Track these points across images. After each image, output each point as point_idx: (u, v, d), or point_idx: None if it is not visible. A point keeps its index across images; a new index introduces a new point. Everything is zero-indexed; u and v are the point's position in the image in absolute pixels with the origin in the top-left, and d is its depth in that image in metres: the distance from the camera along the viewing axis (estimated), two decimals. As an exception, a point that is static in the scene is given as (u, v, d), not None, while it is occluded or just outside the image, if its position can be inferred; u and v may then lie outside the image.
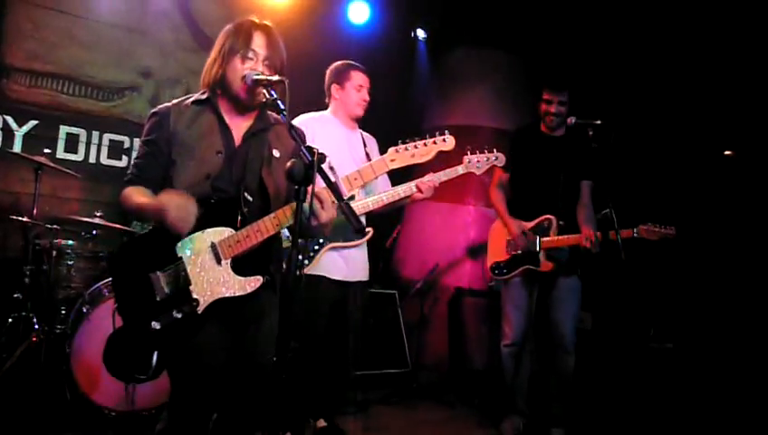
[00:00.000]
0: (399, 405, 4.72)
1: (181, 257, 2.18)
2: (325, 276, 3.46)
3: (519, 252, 4.03)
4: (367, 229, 3.47)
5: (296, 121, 3.52)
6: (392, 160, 2.40)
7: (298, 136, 2.05)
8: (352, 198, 3.35)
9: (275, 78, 2.15)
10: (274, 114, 2.40)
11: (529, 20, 5.69)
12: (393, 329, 5.22)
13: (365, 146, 3.75)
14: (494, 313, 5.27)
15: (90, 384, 3.59)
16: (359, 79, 3.67)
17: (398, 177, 3.91)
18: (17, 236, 4.65)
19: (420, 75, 6.36)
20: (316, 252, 3.42)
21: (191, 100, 2.36)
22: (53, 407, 3.61)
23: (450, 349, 5.41)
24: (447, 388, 5.11)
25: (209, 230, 2.20)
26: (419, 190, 3.44)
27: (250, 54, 2.27)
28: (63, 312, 4.08)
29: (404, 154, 2.39)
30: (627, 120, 4.10)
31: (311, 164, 1.90)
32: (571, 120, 3.91)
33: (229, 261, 2.20)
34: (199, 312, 2.16)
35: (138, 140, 5.34)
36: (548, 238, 3.97)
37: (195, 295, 2.16)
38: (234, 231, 2.21)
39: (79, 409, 3.56)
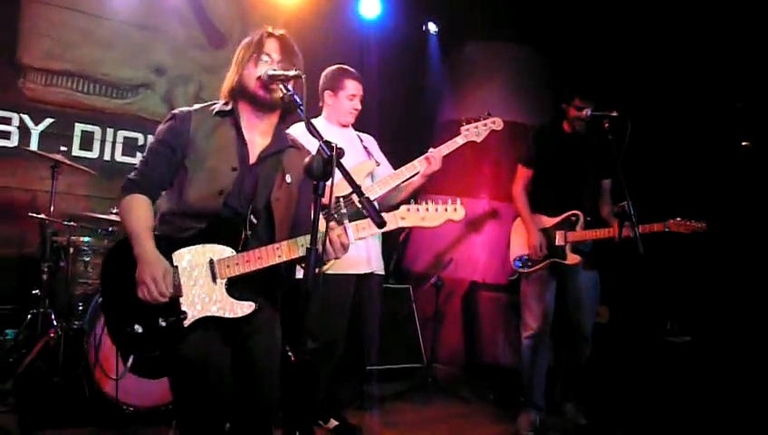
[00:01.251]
0: (414, 400, 4.72)
1: (177, 267, 2.15)
2: (351, 274, 3.47)
3: (540, 257, 4.08)
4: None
5: (290, 131, 3.53)
6: (402, 218, 2.36)
7: (315, 130, 2.04)
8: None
9: (292, 72, 2.17)
10: (292, 138, 2.42)
11: (541, 11, 5.65)
12: (408, 324, 5.22)
13: (362, 141, 3.78)
14: (511, 307, 5.29)
15: (107, 380, 3.61)
16: (352, 88, 3.67)
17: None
18: (35, 233, 4.69)
19: (433, 69, 6.34)
20: None
21: (215, 109, 2.33)
22: (72, 402, 3.62)
23: (465, 343, 5.40)
24: (463, 383, 5.10)
25: (209, 246, 2.18)
26: (429, 163, 3.44)
27: (264, 58, 2.27)
28: (81, 308, 4.11)
29: (415, 215, 2.37)
30: (644, 111, 4.07)
31: (329, 159, 1.89)
32: (587, 112, 3.88)
33: (225, 281, 2.17)
34: (185, 325, 2.13)
35: (151, 136, 5.39)
36: (577, 232, 4.03)
37: (184, 308, 2.13)
38: (234, 252, 2.18)
39: (97, 404, 3.58)
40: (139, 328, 2.12)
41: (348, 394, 4.31)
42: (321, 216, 1.94)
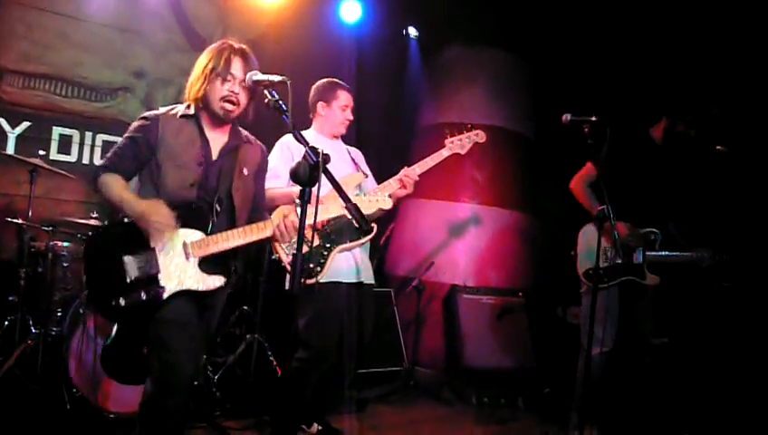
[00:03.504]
0: (397, 403, 4.75)
1: (154, 249, 2.45)
2: (341, 282, 3.47)
3: (619, 261, 3.92)
4: (372, 225, 3.47)
5: (280, 142, 3.57)
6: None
7: (301, 137, 2.06)
8: None
9: (277, 78, 2.27)
10: (244, 134, 2.77)
11: (520, 17, 5.71)
12: (389, 327, 5.22)
13: (349, 153, 3.81)
14: (492, 310, 5.33)
15: (87, 386, 3.59)
16: (344, 99, 3.73)
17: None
18: (12, 238, 4.63)
19: (413, 73, 6.37)
20: (325, 258, 3.39)
21: (179, 113, 2.63)
22: (52, 410, 3.58)
23: (446, 346, 5.43)
24: (444, 385, 5.13)
25: (183, 230, 2.50)
26: (402, 186, 3.49)
27: (228, 77, 2.55)
28: (60, 314, 4.06)
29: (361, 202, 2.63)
30: (624, 115, 4.09)
31: (315, 165, 1.92)
32: (566, 117, 3.88)
33: (197, 259, 2.51)
34: (164, 298, 2.44)
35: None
36: (663, 254, 3.91)
37: (162, 283, 2.44)
38: (204, 235, 2.53)
39: (78, 411, 3.55)
40: (123, 301, 2.40)
41: (330, 399, 4.31)
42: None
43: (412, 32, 6.33)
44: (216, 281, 2.54)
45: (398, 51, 6.38)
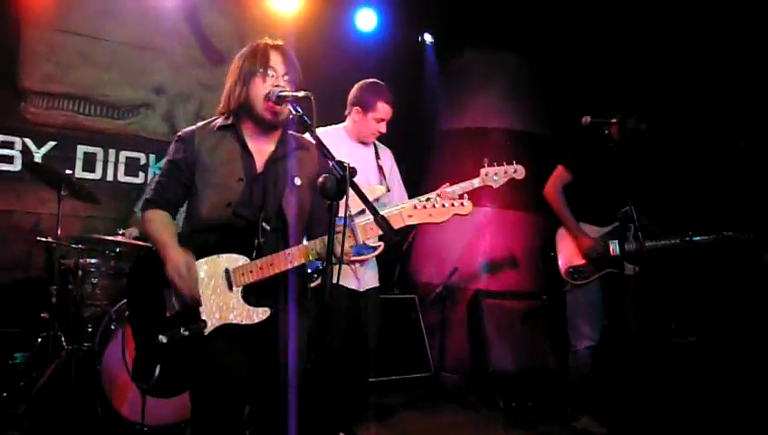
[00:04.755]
0: (423, 409, 4.75)
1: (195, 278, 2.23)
2: (342, 285, 3.44)
3: (596, 256, 4.05)
4: (378, 244, 3.45)
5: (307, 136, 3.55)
6: (410, 216, 2.41)
7: (327, 151, 2.07)
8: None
9: (301, 94, 2.18)
10: (297, 139, 2.45)
11: (535, 21, 5.71)
12: (414, 333, 5.24)
13: (378, 159, 3.75)
14: (515, 314, 5.33)
15: (120, 400, 3.64)
16: (382, 112, 3.61)
17: (409, 185, 3.98)
18: (41, 256, 4.73)
19: (430, 80, 6.39)
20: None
21: (217, 125, 2.39)
22: (86, 424, 3.65)
23: (471, 352, 5.43)
24: (470, 391, 5.12)
25: (224, 256, 2.26)
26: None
27: (270, 72, 2.31)
28: (90, 329, 4.13)
29: (422, 212, 2.42)
30: (641, 115, 4.13)
31: (343, 179, 1.93)
32: (586, 119, 3.88)
33: (240, 289, 2.25)
34: (205, 333, 2.21)
35: (153, 155, 5.44)
36: (653, 243, 3.98)
37: (203, 317, 2.22)
38: (248, 260, 2.25)
39: (110, 425, 3.60)
40: (163, 338, 2.19)
41: (354, 407, 4.31)
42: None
43: (428, 38, 6.35)
44: (261, 314, 2.25)
45: (414, 58, 6.40)
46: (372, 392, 4.56)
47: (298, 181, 2.37)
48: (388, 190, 3.66)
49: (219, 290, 2.25)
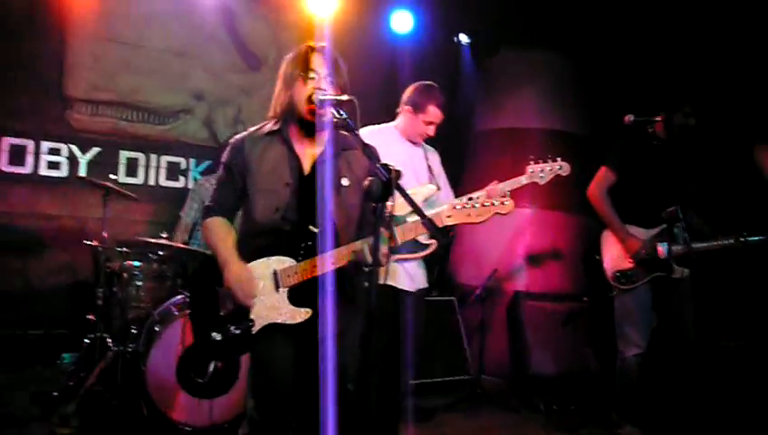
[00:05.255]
0: (464, 411, 4.70)
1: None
2: (391, 285, 3.47)
3: (646, 258, 3.91)
4: (431, 241, 3.48)
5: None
6: (448, 217, 2.44)
7: (372, 154, 2.08)
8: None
9: (344, 97, 2.21)
10: (345, 139, 2.44)
11: (573, 18, 5.64)
12: (453, 336, 5.22)
13: (427, 159, 3.75)
14: (555, 316, 5.27)
15: (165, 401, 3.69)
16: (432, 116, 3.61)
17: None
18: (88, 259, 4.83)
19: (466, 80, 6.36)
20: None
21: (265, 130, 2.46)
22: (132, 423, 3.72)
23: (511, 354, 5.39)
24: (511, 393, 5.08)
25: (273, 258, 2.36)
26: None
27: (311, 75, 2.35)
28: (134, 331, 4.20)
29: (461, 212, 2.44)
30: (690, 110, 4.00)
31: (388, 181, 1.93)
32: (629, 118, 3.82)
33: (286, 290, 2.35)
34: (253, 332, 2.33)
35: (193, 159, 5.54)
36: (704, 245, 3.83)
37: (252, 316, 2.34)
38: (294, 262, 2.34)
39: (156, 425, 3.65)
40: (217, 335, 2.35)
41: (395, 410, 4.31)
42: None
43: (463, 38, 6.33)
44: (303, 314, 2.34)
45: (451, 59, 6.38)
46: (412, 395, 4.56)
47: (345, 182, 2.41)
48: (439, 189, 3.67)
49: (267, 291, 2.35)
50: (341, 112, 2.19)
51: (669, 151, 3.91)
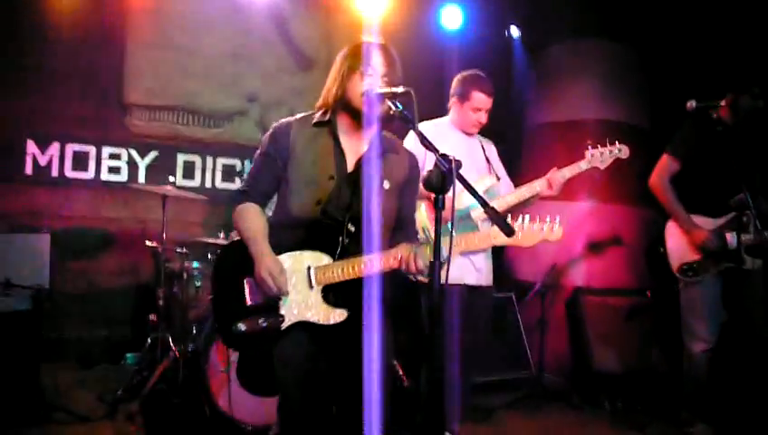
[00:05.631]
0: (526, 410, 4.61)
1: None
2: (459, 284, 3.44)
3: (713, 248, 3.75)
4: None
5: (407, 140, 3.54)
6: (495, 238, 2.40)
7: (431, 145, 2.03)
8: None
9: (400, 89, 2.16)
10: (389, 141, 2.43)
11: (625, 4, 5.48)
12: (513, 332, 5.12)
13: (484, 151, 3.71)
14: (616, 311, 5.11)
15: (225, 399, 3.72)
16: (478, 101, 3.57)
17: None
18: (149, 261, 4.95)
19: (519, 73, 6.24)
20: (446, 260, 3.37)
21: (314, 119, 2.39)
22: (194, 421, 3.76)
23: (572, 351, 5.25)
24: (573, 391, 4.95)
25: (308, 253, 2.28)
26: (549, 186, 3.39)
27: (369, 71, 2.29)
28: (195, 331, 4.26)
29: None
30: (758, 92, 3.80)
31: (449, 172, 1.88)
32: (691, 104, 3.66)
33: (320, 288, 2.26)
34: (282, 328, 2.24)
35: (248, 161, 5.60)
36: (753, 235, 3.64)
37: (282, 311, 2.25)
38: (331, 259, 2.26)
39: (218, 424, 3.68)
40: (242, 326, 2.24)
41: (455, 408, 4.25)
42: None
43: (514, 31, 6.20)
44: (338, 316, 2.25)
45: (502, 53, 6.27)
46: (471, 393, 4.50)
47: (387, 184, 2.35)
48: (498, 179, 3.62)
49: (299, 287, 2.27)
50: (398, 105, 2.15)
51: (736, 136, 3.73)
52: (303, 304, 2.25)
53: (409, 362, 3.79)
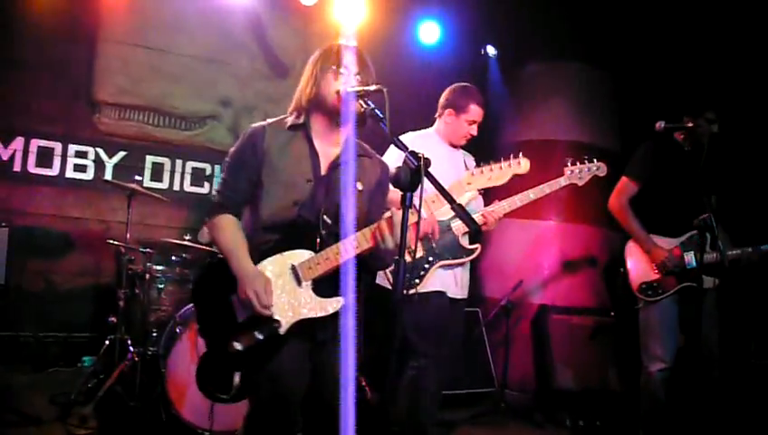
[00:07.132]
0: (488, 425, 4.60)
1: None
2: (441, 291, 3.46)
3: (675, 270, 3.79)
4: (474, 246, 3.48)
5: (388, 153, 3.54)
6: (468, 184, 2.42)
7: (401, 143, 2.03)
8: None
9: (373, 87, 2.16)
10: (361, 146, 2.45)
11: (600, 29, 5.58)
12: (478, 348, 5.12)
13: (466, 164, 3.74)
14: (581, 330, 5.14)
15: (184, 404, 3.64)
16: (474, 114, 3.62)
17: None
18: (110, 262, 4.84)
19: (493, 92, 6.30)
20: (426, 270, 3.40)
21: (288, 123, 2.39)
22: (149, 426, 3.68)
23: (535, 368, 5.27)
24: (535, 408, 4.95)
25: (288, 253, 2.26)
26: (485, 222, 3.44)
27: (342, 70, 2.30)
28: (155, 334, 4.17)
29: (480, 177, 2.41)
30: (713, 117, 3.90)
31: (417, 169, 1.88)
32: (660, 124, 3.72)
33: (310, 283, 2.24)
34: (281, 333, 2.20)
35: (218, 166, 5.53)
36: (737, 252, 3.73)
37: (276, 317, 2.20)
38: (313, 253, 2.25)
39: (173, 428, 3.60)
40: (238, 345, 2.19)
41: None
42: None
43: (491, 50, 6.27)
44: (335, 303, 2.24)
45: (478, 70, 6.33)
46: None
47: (359, 186, 2.36)
48: (481, 193, 3.64)
49: (288, 287, 2.24)
50: (370, 103, 2.15)
51: (696, 158, 3.80)
52: (296, 303, 2.23)
53: (375, 374, 3.75)
